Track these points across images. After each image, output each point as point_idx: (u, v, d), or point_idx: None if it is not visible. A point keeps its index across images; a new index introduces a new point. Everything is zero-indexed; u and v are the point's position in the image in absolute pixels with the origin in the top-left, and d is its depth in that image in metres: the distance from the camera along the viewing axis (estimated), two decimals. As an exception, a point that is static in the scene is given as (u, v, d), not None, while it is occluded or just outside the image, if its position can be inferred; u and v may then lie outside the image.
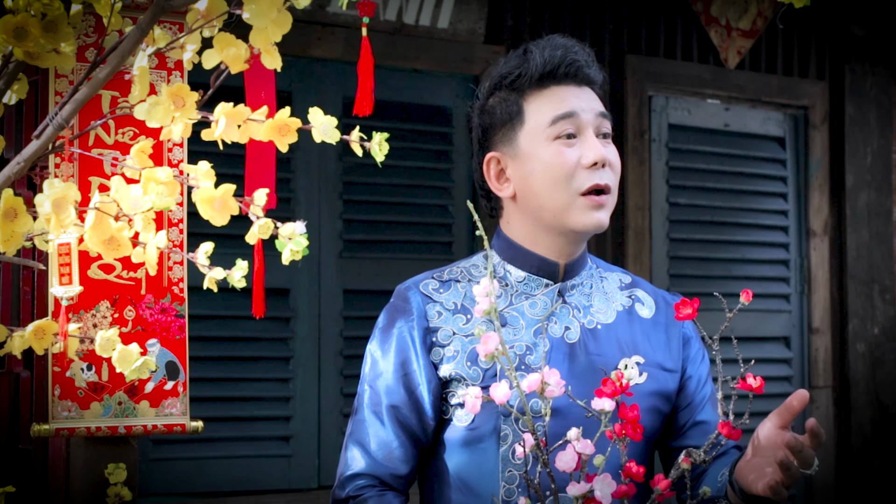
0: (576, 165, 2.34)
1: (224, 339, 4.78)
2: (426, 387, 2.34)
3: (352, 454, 2.37)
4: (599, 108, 2.40)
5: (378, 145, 1.76)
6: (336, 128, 1.80)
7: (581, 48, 2.43)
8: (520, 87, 2.42)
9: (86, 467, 2.87)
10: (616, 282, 2.50)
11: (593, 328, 2.39)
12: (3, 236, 1.72)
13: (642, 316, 2.46)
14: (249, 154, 2.71)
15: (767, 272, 6.22)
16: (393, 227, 5.24)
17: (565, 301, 2.41)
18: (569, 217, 2.36)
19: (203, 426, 2.96)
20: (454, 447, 2.36)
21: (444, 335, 2.36)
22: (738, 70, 6.13)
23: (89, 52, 2.75)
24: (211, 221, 1.73)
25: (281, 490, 4.90)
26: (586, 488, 1.79)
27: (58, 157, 2.61)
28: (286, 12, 1.69)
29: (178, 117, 1.73)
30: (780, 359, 6.18)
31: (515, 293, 2.40)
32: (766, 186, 6.27)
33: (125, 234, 1.74)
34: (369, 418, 2.38)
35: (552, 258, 2.41)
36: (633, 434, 1.86)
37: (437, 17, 5.30)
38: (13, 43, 1.69)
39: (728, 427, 1.89)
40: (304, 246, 1.70)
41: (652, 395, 2.38)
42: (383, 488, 2.35)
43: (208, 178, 1.74)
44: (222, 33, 1.74)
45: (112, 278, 2.84)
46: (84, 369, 2.80)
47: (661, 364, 2.42)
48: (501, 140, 2.44)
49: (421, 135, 5.25)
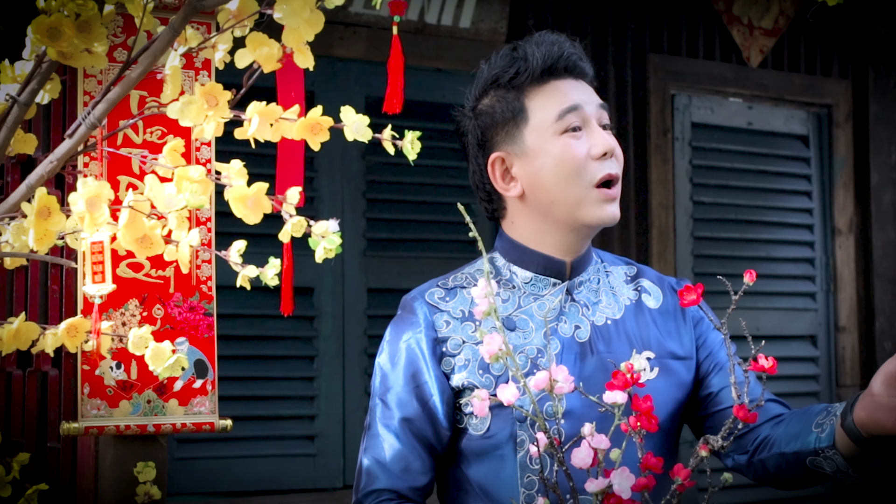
0: (586, 157, 2.33)
1: (248, 338, 4.79)
2: (439, 397, 2.32)
3: (368, 471, 2.35)
4: (599, 100, 2.40)
5: (410, 143, 1.76)
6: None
7: (572, 43, 2.42)
8: (519, 84, 2.40)
9: (115, 465, 2.87)
10: (621, 275, 2.49)
11: (603, 325, 2.38)
12: (36, 235, 1.73)
13: (650, 307, 2.45)
14: (280, 153, 2.71)
15: (793, 271, 6.20)
16: (416, 226, 5.24)
17: (574, 299, 2.39)
18: (582, 211, 2.35)
19: (232, 425, 2.97)
20: (471, 456, 2.34)
21: (453, 344, 2.34)
22: (760, 69, 6.12)
23: (118, 52, 2.76)
24: (244, 219, 1.73)
25: (305, 489, 4.90)
26: (604, 484, 1.78)
27: (86, 156, 2.62)
28: (318, 12, 1.69)
29: (210, 116, 1.73)
30: (807, 357, 6.16)
31: (523, 295, 2.39)
32: (791, 185, 6.26)
33: (157, 233, 1.75)
34: (383, 433, 2.35)
35: (558, 256, 2.40)
36: (648, 425, 1.85)
37: (458, 17, 5.30)
38: (47, 43, 1.70)
39: (744, 410, 1.89)
40: (338, 244, 1.70)
41: (666, 388, 2.36)
42: (402, 501, 2.32)
43: (240, 177, 1.75)
44: (255, 33, 1.75)
45: (141, 277, 2.84)
46: (113, 367, 2.81)
47: (673, 353, 2.41)
48: (505, 139, 2.43)
49: (443, 134, 5.24)
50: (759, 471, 2.35)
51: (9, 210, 1.81)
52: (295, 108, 1.78)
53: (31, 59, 1.84)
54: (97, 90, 2.77)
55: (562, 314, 2.37)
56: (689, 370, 2.42)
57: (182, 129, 2.68)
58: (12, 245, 1.80)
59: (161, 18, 1.88)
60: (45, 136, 3.40)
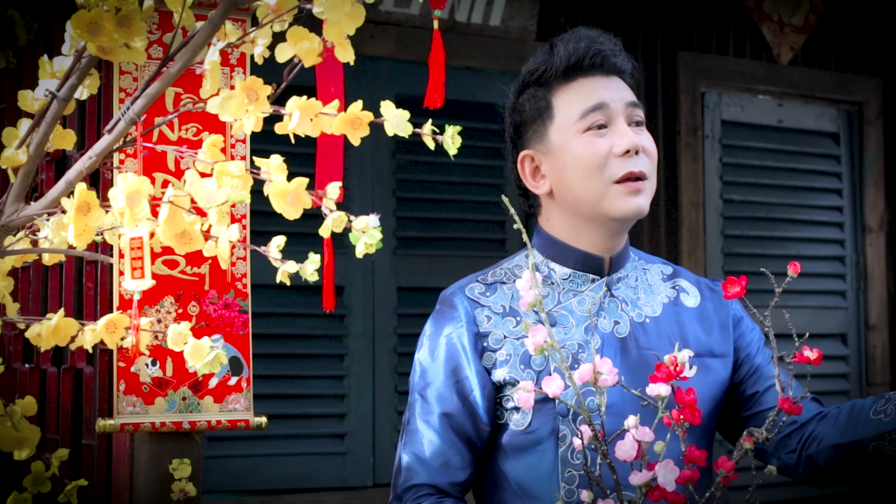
0: (608, 154, 2.33)
1: (278, 336, 4.79)
2: (480, 392, 2.32)
3: (408, 466, 2.35)
4: (629, 98, 2.38)
5: (451, 138, 1.76)
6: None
7: (607, 38, 2.41)
8: (546, 82, 2.40)
9: (150, 462, 2.88)
10: (658, 273, 2.48)
11: (642, 321, 2.38)
12: (76, 230, 1.73)
13: (688, 306, 2.45)
14: (320, 148, 2.71)
15: (823, 269, 6.18)
16: (446, 225, 5.24)
17: (613, 295, 2.39)
18: (605, 205, 2.33)
19: (266, 422, 2.97)
20: (511, 451, 2.34)
21: (494, 339, 2.34)
22: (791, 66, 6.09)
23: (153, 49, 2.76)
24: (284, 215, 1.72)
25: (335, 488, 4.90)
26: (648, 476, 1.78)
27: (122, 152, 2.63)
28: (359, 5, 1.69)
29: (250, 111, 1.73)
30: (837, 356, 6.14)
31: (562, 291, 2.39)
32: (821, 182, 6.23)
33: (197, 228, 1.75)
34: (422, 428, 2.35)
35: (596, 252, 2.39)
36: (691, 418, 1.85)
37: (489, 15, 5.30)
38: (87, 38, 1.70)
39: (789, 402, 1.88)
40: (378, 239, 1.70)
41: (704, 385, 2.34)
42: (441, 496, 2.32)
43: (280, 172, 1.74)
44: (296, 27, 1.74)
45: (176, 274, 2.85)
46: (149, 364, 2.81)
47: (712, 351, 2.41)
48: (533, 137, 2.43)
49: (473, 132, 5.24)
50: (807, 467, 2.34)
51: (47, 206, 1.81)
52: (335, 103, 1.77)
53: (70, 55, 1.84)
54: (133, 87, 2.78)
55: (601, 310, 2.37)
56: (727, 368, 2.41)
57: (218, 125, 2.68)
58: (51, 241, 1.80)
59: (197, 15, 1.88)
60: (81, 134, 3.41)
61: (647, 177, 2.34)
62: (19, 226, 1.84)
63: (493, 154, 5.32)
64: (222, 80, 2.81)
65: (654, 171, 2.37)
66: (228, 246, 1.78)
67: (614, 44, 2.41)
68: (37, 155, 1.87)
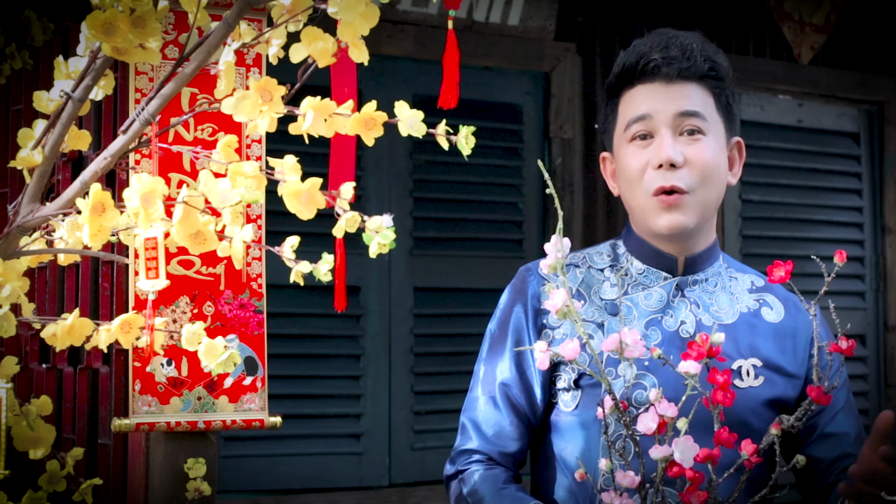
0: (645, 167, 2.34)
1: (294, 337, 4.80)
2: (535, 368, 2.38)
3: (464, 430, 2.43)
4: (681, 107, 2.34)
5: (465, 139, 1.76)
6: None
7: (676, 41, 2.38)
8: (613, 89, 2.44)
9: (165, 462, 2.88)
10: (747, 283, 2.47)
11: (710, 325, 2.37)
12: (91, 231, 1.73)
13: (768, 320, 2.42)
14: (333, 149, 2.71)
15: (842, 269, 6.12)
16: (463, 225, 5.24)
17: (684, 295, 2.40)
18: (647, 217, 2.36)
19: (281, 422, 2.97)
20: (560, 431, 2.38)
21: (554, 318, 2.36)
22: (811, 66, 6.07)
23: (168, 49, 2.76)
24: (298, 215, 1.73)
25: (351, 488, 4.91)
26: (668, 451, 1.78)
27: (137, 153, 2.63)
28: (374, 6, 1.68)
29: (265, 111, 1.73)
30: (856, 357, 6.12)
31: (633, 283, 2.41)
32: (841, 183, 6.22)
33: (211, 229, 1.75)
34: (482, 395, 2.43)
35: (669, 252, 2.41)
36: (724, 400, 1.85)
37: (507, 15, 5.29)
38: (102, 38, 1.70)
39: (818, 391, 1.88)
40: (392, 239, 1.70)
41: (768, 399, 2.35)
42: (491, 464, 2.39)
43: (294, 172, 1.74)
44: (310, 27, 1.74)
45: (191, 274, 2.85)
46: (164, 364, 2.82)
47: (782, 368, 2.38)
48: (608, 140, 2.47)
49: (491, 132, 5.24)
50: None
51: (62, 206, 1.82)
52: (349, 104, 1.77)
53: (85, 56, 1.84)
54: (148, 87, 2.78)
55: (668, 308, 2.38)
56: (795, 389, 2.39)
57: (233, 126, 2.68)
58: (67, 241, 1.80)
59: (212, 15, 1.88)
60: (97, 134, 3.41)
61: (688, 190, 2.32)
62: (35, 226, 1.84)
63: (510, 154, 5.32)
64: (237, 80, 2.81)
65: (703, 183, 2.34)
66: (243, 246, 1.78)
67: (684, 47, 2.37)
68: (52, 155, 1.87)
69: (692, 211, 2.34)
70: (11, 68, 2.07)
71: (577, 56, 5.49)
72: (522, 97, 5.40)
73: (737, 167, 2.46)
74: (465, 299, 5.18)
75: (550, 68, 5.40)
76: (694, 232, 2.37)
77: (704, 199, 2.35)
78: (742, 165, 2.47)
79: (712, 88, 2.39)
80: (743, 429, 2.19)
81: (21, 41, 2.06)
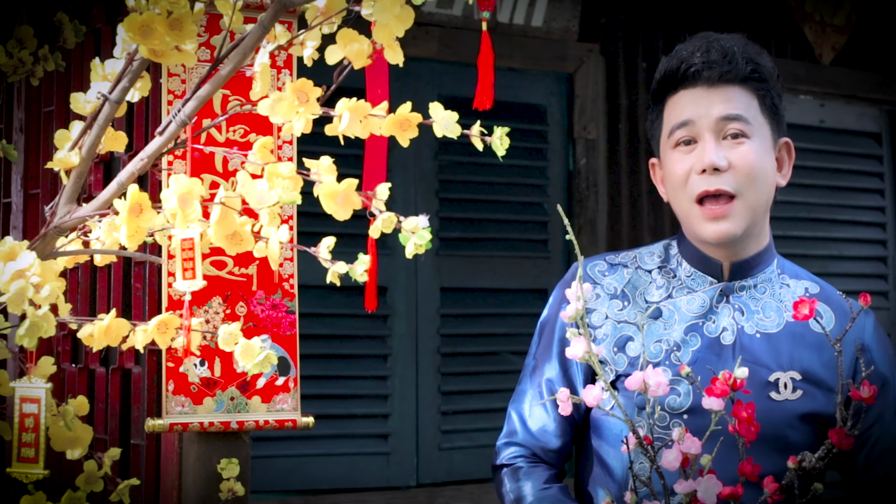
0: (689, 172, 2.34)
1: (322, 337, 4.80)
2: (579, 366, 2.40)
3: (510, 421, 2.47)
4: (724, 112, 2.33)
5: (499, 140, 1.77)
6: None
7: (717, 44, 2.37)
8: (657, 95, 2.44)
9: (198, 462, 2.89)
10: (800, 290, 2.42)
11: (753, 334, 2.35)
12: (128, 231, 1.75)
13: (816, 330, 2.35)
14: (368, 150, 2.73)
15: (865, 269, 6.15)
16: (489, 225, 5.24)
17: (728, 301, 2.38)
18: (692, 224, 2.36)
19: (314, 422, 2.98)
20: (597, 429, 2.40)
21: (597, 317, 2.39)
22: (833, 66, 6.06)
23: (201, 52, 2.78)
24: (334, 216, 1.74)
25: (379, 488, 4.91)
26: (691, 487, 1.79)
27: (171, 154, 2.65)
28: (408, 7, 1.70)
29: (300, 113, 1.74)
30: (879, 356, 6.11)
31: (679, 286, 2.41)
32: (863, 183, 6.20)
33: (247, 229, 1.76)
34: (529, 389, 2.46)
35: (714, 257, 2.39)
36: (747, 433, 1.85)
37: (531, 16, 5.30)
38: (139, 40, 1.72)
39: (840, 435, 1.86)
40: (428, 239, 1.71)
41: (806, 413, 2.32)
42: (535, 460, 2.43)
43: (330, 173, 1.75)
44: (345, 29, 1.76)
45: (224, 275, 2.86)
46: (197, 365, 2.83)
47: (824, 382, 2.34)
48: (655, 146, 2.47)
49: (516, 133, 5.22)
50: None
51: (99, 207, 1.83)
52: (384, 105, 1.78)
53: (121, 58, 1.86)
54: (180, 89, 2.80)
55: (711, 313, 2.37)
56: (832, 405, 2.34)
57: (265, 127, 2.70)
58: (103, 242, 1.82)
59: (246, 17, 1.90)
60: (129, 135, 3.43)
61: (736, 193, 2.31)
62: (71, 227, 1.86)
63: (535, 155, 5.33)
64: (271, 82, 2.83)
65: (750, 186, 2.32)
66: (279, 247, 1.80)
67: (725, 50, 2.36)
68: (89, 157, 1.89)
69: (739, 217, 2.32)
70: (44, 70, 2.08)
71: (601, 57, 5.49)
72: (546, 98, 5.40)
73: (786, 168, 2.43)
74: (492, 299, 5.19)
75: (574, 69, 5.41)
76: (743, 238, 2.35)
77: (752, 204, 2.33)
78: (792, 166, 2.44)
79: (756, 90, 2.38)
80: (779, 443, 2.19)
81: (53, 43, 2.07)
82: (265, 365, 1.85)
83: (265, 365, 1.85)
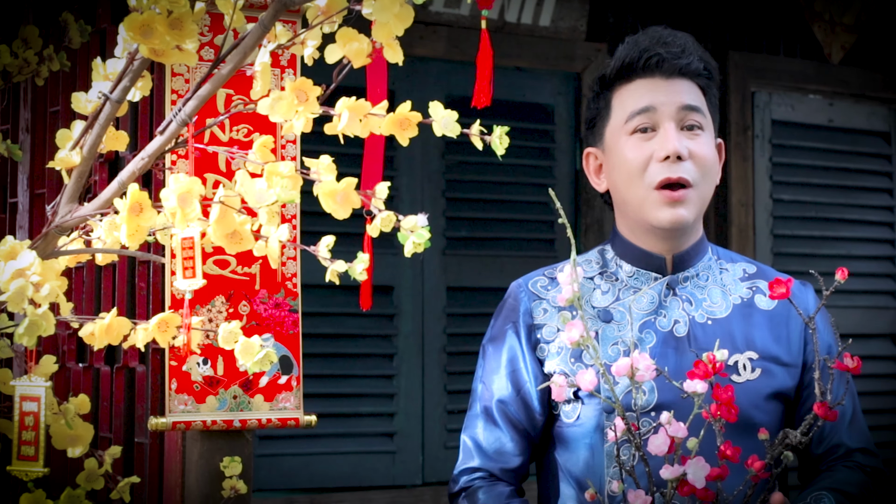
0: (649, 159, 2.34)
1: (328, 336, 4.80)
2: (533, 383, 2.38)
3: (465, 448, 2.43)
4: (684, 101, 2.36)
5: (499, 139, 1.77)
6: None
7: (673, 38, 2.40)
8: (607, 82, 2.43)
9: (201, 460, 2.90)
10: (739, 272, 2.47)
11: (704, 322, 2.37)
12: (128, 230, 1.76)
13: (761, 308, 2.42)
14: (366, 150, 2.73)
15: (873, 268, 6.14)
16: (495, 225, 5.24)
17: (676, 294, 2.39)
18: (646, 212, 2.35)
19: (316, 420, 2.99)
20: (562, 443, 2.38)
21: (548, 332, 2.39)
22: (842, 65, 6.05)
23: (204, 51, 2.78)
24: (333, 215, 1.75)
25: (385, 486, 4.91)
26: (679, 471, 1.80)
27: (174, 153, 2.65)
28: (408, 7, 1.70)
29: (300, 112, 1.75)
30: (887, 356, 6.10)
31: (624, 287, 2.41)
32: (872, 182, 6.19)
33: (247, 228, 1.77)
34: (481, 414, 2.43)
35: (656, 252, 2.40)
36: (727, 415, 1.86)
37: (538, 15, 5.30)
38: (140, 40, 1.72)
39: (824, 408, 1.88)
40: (427, 238, 1.71)
41: (769, 393, 2.35)
42: (493, 480, 2.39)
43: (329, 172, 1.76)
44: (345, 28, 1.76)
45: (227, 274, 2.86)
46: (200, 363, 2.83)
47: (777, 358, 2.38)
48: (595, 136, 2.47)
49: (523, 132, 5.24)
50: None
51: (100, 207, 1.84)
52: (384, 104, 1.79)
53: (122, 57, 1.87)
54: (184, 88, 2.80)
55: (661, 308, 2.38)
56: (793, 378, 2.39)
57: (268, 126, 2.70)
58: (104, 241, 1.83)
59: (248, 17, 1.90)
60: (133, 135, 3.44)
61: (693, 184, 2.34)
62: (73, 226, 1.87)
63: (542, 154, 5.33)
64: (272, 81, 2.83)
65: (704, 177, 2.36)
66: (278, 246, 1.80)
67: (680, 45, 2.40)
68: (90, 156, 1.89)
69: (693, 206, 2.35)
70: (49, 70, 2.09)
71: (609, 56, 5.48)
72: (554, 97, 5.40)
73: (718, 167, 2.45)
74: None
75: (582, 68, 5.41)
76: (689, 227, 2.38)
77: (704, 195, 2.37)
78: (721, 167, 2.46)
79: (704, 87, 2.42)
80: (746, 425, 2.19)
81: (58, 43, 2.08)
82: (264, 363, 1.86)
83: (264, 363, 1.86)
